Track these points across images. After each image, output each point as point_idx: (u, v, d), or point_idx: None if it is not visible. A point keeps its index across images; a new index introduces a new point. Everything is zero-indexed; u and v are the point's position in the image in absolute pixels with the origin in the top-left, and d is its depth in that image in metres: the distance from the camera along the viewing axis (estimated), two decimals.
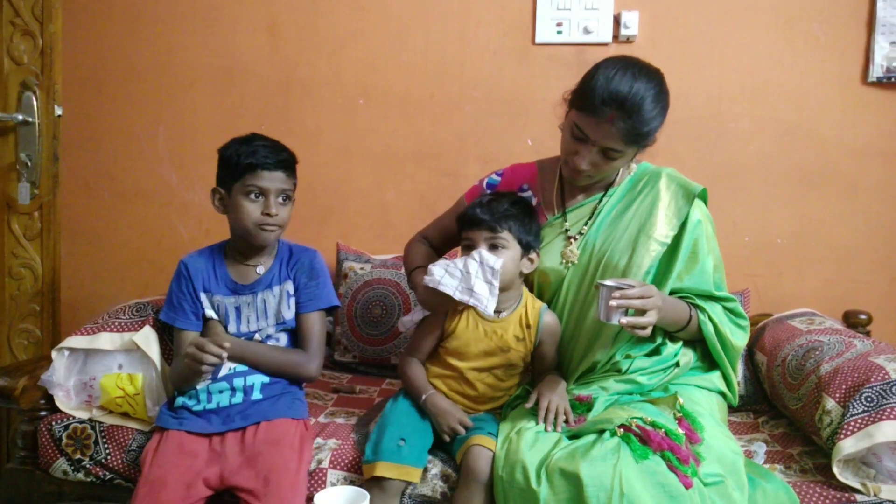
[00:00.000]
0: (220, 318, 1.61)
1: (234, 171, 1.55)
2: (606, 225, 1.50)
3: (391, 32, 2.28)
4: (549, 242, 1.54)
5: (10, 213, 2.33)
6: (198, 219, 2.37)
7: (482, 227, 1.47)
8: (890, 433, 1.33)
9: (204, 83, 2.34)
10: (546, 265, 1.53)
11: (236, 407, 1.53)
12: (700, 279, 1.47)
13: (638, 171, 1.55)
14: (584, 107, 1.38)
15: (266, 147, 1.56)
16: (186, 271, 1.62)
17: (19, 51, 2.28)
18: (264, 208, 1.54)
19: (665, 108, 1.41)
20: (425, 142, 2.29)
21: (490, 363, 1.52)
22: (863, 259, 2.17)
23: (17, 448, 1.66)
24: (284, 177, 1.56)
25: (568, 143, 1.45)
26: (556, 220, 1.55)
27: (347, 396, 1.87)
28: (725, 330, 1.48)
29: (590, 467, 1.20)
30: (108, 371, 1.63)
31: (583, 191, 1.55)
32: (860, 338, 1.69)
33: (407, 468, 1.38)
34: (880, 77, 2.10)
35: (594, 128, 1.37)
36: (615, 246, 1.47)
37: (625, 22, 2.15)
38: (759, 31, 2.15)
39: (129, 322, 1.67)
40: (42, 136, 2.29)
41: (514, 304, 1.54)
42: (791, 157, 2.17)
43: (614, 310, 1.29)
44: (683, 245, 1.46)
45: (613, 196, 1.52)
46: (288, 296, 1.61)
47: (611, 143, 1.38)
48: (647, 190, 1.50)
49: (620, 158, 1.42)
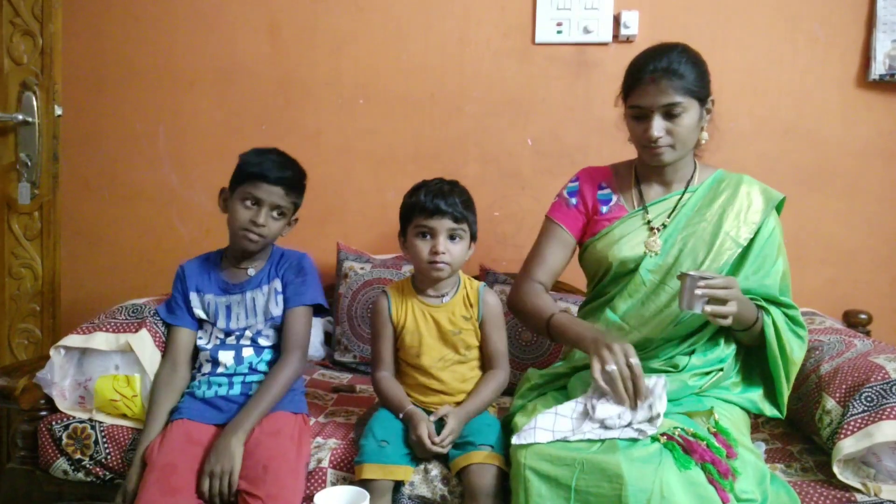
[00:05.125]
0: (210, 317, 1.64)
1: (239, 177, 1.60)
2: (687, 219, 1.54)
3: (391, 32, 2.28)
4: (631, 233, 1.56)
5: (10, 213, 2.33)
6: (198, 219, 2.37)
7: (446, 216, 1.50)
8: (890, 433, 1.33)
9: (204, 83, 2.34)
10: (627, 254, 1.54)
11: (235, 399, 1.56)
12: (766, 282, 1.49)
13: (717, 174, 1.59)
14: (630, 85, 1.50)
15: (274, 162, 1.60)
16: (182, 274, 1.68)
17: (19, 51, 2.28)
18: (254, 216, 1.57)
19: (698, 59, 1.50)
20: (425, 142, 2.29)
21: (446, 350, 1.56)
22: (863, 259, 2.17)
23: (17, 448, 1.65)
24: (282, 193, 1.59)
25: (636, 128, 1.51)
26: (638, 213, 1.58)
27: (347, 396, 1.87)
28: (785, 337, 1.47)
29: (631, 467, 1.19)
30: (104, 372, 1.63)
31: (663, 184, 1.59)
32: (860, 338, 1.69)
33: (391, 467, 1.40)
34: (882, 75, 2.09)
35: (644, 96, 1.47)
36: (695, 241, 1.50)
37: (625, 22, 2.15)
38: (759, 31, 2.15)
39: (125, 323, 1.67)
40: (42, 136, 2.29)
41: (455, 287, 1.60)
42: (791, 157, 2.17)
43: (698, 299, 1.32)
44: (756, 247, 1.50)
45: (696, 193, 1.56)
46: (276, 293, 1.64)
47: (665, 98, 1.44)
48: (729, 192, 1.54)
49: (685, 115, 1.46)
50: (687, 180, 1.59)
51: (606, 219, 1.59)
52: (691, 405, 1.43)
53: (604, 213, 1.60)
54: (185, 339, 1.64)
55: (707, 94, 1.51)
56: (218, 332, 1.64)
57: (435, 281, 1.57)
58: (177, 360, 1.62)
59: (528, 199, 2.25)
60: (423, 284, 1.60)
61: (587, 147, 2.24)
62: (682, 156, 1.53)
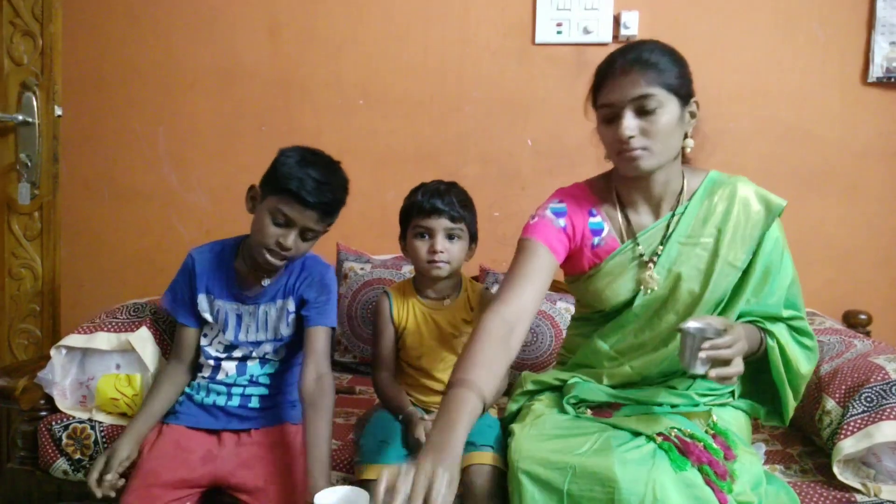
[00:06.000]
0: (219, 323, 1.55)
1: (273, 184, 1.43)
2: (680, 246, 1.38)
3: (391, 33, 2.28)
4: (624, 272, 1.40)
5: (10, 213, 2.33)
6: (198, 219, 2.36)
7: (443, 215, 1.50)
8: (890, 433, 1.33)
9: (204, 83, 2.34)
10: (622, 298, 1.41)
11: (233, 410, 1.53)
12: (770, 302, 1.38)
13: (708, 181, 1.42)
14: (599, 83, 1.35)
15: (316, 182, 1.41)
16: (192, 266, 1.55)
17: (19, 51, 2.28)
18: (282, 237, 1.43)
19: (675, 54, 1.33)
20: (425, 142, 2.29)
21: (446, 352, 1.57)
22: (863, 259, 2.17)
23: (17, 448, 1.66)
24: (317, 217, 1.44)
25: (607, 133, 1.35)
26: (628, 247, 1.41)
27: (347, 397, 1.87)
28: (792, 354, 1.38)
29: (625, 470, 1.16)
30: (106, 371, 1.63)
31: (649, 203, 1.42)
32: (860, 338, 1.69)
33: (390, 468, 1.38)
34: (880, 77, 2.10)
35: (613, 90, 1.31)
36: (690, 270, 1.36)
37: (625, 22, 2.15)
38: (759, 31, 2.15)
39: (126, 322, 1.67)
40: (42, 137, 2.29)
41: (457, 290, 1.61)
42: (791, 158, 2.17)
43: (701, 361, 1.19)
44: (757, 268, 1.37)
45: (687, 212, 1.39)
46: (287, 313, 1.54)
47: (636, 89, 1.28)
48: (724, 206, 1.38)
49: (660, 111, 1.28)
50: (676, 195, 1.41)
51: (597, 254, 1.42)
52: (684, 406, 1.40)
53: (595, 246, 1.42)
54: (193, 338, 1.57)
55: (688, 94, 1.33)
56: (224, 338, 1.56)
57: (435, 281, 1.57)
58: (185, 358, 1.57)
59: (528, 199, 2.24)
60: (423, 286, 1.61)
61: (587, 147, 2.21)
62: (663, 163, 1.33)
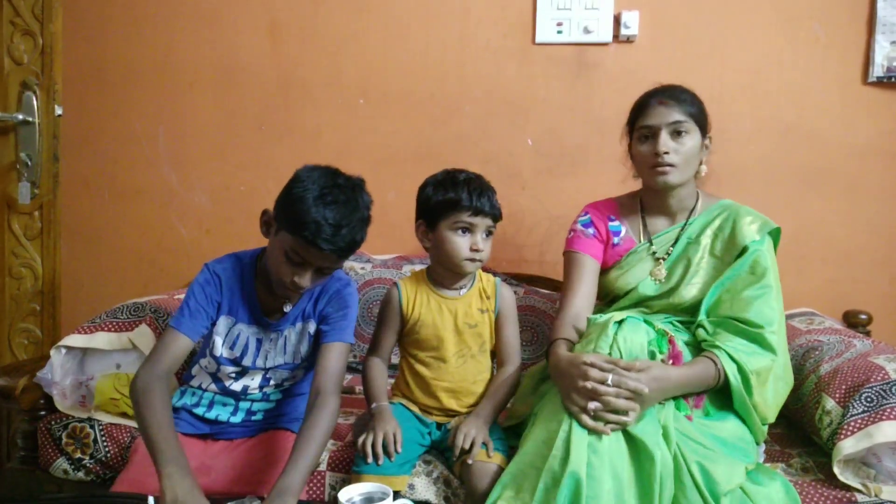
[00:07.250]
0: (236, 349, 1.47)
1: (289, 222, 1.33)
2: (684, 247, 1.63)
3: (391, 32, 2.28)
4: (639, 264, 1.65)
5: (10, 212, 2.33)
6: (198, 219, 2.36)
7: (488, 216, 1.52)
8: (890, 433, 1.33)
9: (204, 83, 2.34)
10: (633, 283, 1.64)
11: (234, 424, 1.51)
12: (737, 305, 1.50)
13: (718, 203, 1.66)
14: (638, 112, 1.63)
15: (333, 227, 1.30)
16: (220, 286, 1.45)
17: (19, 51, 2.28)
18: (298, 276, 1.36)
19: (698, 97, 1.63)
20: (425, 142, 2.29)
21: (462, 344, 1.55)
22: (863, 259, 2.17)
23: (17, 448, 1.66)
24: (335, 258, 1.36)
25: (643, 150, 1.60)
26: (644, 245, 1.66)
27: (347, 397, 1.87)
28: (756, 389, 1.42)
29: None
30: (106, 371, 1.63)
31: (667, 215, 1.67)
32: (860, 338, 1.69)
33: (388, 478, 1.37)
34: (881, 76, 2.09)
35: (653, 116, 1.58)
36: (688, 267, 1.59)
37: (625, 22, 2.15)
38: (759, 30, 2.15)
39: (126, 322, 1.67)
40: (42, 136, 2.29)
41: (471, 280, 1.61)
42: (791, 157, 2.17)
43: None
44: (737, 263, 1.54)
45: (695, 223, 1.64)
46: (309, 336, 1.50)
47: (672, 115, 1.56)
48: (722, 219, 1.62)
49: (688, 136, 1.57)
50: (689, 211, 1.66)
51: (618, 252, 1.67)
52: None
53: (616, 245, 1.68)
54: (184, 350, 1.41)
55: (706, 127, 1.62)
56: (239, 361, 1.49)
57: (463, 276, 1.58)
58: (171, 369, 1.39)
59: (528, 199, 2.25)
60: (443, 277, 1.58)
61: (587, 147, 2.24)
62: (685, 180, 1.60)
